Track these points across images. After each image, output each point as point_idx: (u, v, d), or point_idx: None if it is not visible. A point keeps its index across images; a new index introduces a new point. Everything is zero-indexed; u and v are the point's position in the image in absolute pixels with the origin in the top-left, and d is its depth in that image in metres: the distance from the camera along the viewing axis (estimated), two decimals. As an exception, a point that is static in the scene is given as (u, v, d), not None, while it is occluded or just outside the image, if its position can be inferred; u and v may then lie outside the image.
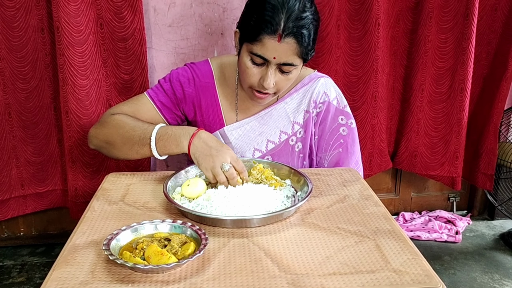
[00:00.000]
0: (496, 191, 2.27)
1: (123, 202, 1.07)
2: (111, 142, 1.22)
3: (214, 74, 1.34)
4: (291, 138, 1.36)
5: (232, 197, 1.02)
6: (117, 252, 0.84)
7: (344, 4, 1.82)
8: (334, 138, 1.36)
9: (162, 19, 1.73)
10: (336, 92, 1.36)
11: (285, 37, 1.09)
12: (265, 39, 1.10)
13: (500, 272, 1.97)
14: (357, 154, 1.39)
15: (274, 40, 1.10)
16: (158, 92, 1.33)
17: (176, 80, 1.32)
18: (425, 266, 0.83)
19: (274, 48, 1.11)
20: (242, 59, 1.18)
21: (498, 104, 2.04)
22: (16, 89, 1.69)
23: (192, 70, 1.34)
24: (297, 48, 1.12)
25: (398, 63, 2.02)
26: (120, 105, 1.32)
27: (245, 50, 1.16)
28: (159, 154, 1.16)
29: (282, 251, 0.87)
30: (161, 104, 1.32)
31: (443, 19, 1.90)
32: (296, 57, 1.14)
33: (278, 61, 1.13)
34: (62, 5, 1.50)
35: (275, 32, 1.09)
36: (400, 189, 2.35)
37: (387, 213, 1.02)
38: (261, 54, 1.12)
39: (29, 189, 1.83)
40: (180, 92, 1.32)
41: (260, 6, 1.11)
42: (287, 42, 1.10)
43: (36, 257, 2.01)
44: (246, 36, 1.14)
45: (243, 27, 1.16)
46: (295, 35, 1.10)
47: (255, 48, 1.12)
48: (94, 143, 1.28)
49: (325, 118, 1.35)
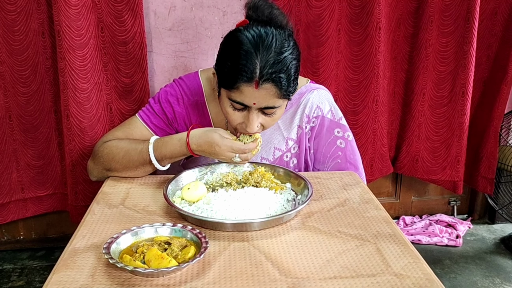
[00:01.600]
0: (496, 195, 2.26)
1: (123, 205, 1.07)
2: (112, 169, 1.21)
3: (204, 90, 1.30)
4: (286, 154, 1.33)
5: (232, 200, 1.02)
6: (117, 255, 0.83)
7: (344, 8, 1.82)
8: (332, 151, 1.32)
9: (162, 22, 1.74)
10: (330, 105, 1.32)
11: (262, 83, 1.03)
12: (242, 87, 1.04)
13: (501, 276, 1.97)
14: (359, 165, 1.35)
15: (252, 88, 1.04)
16: (150, 114, 1.30)
17: (165, 100, 1.29)
18: (426, 270, 0.82)
19: (253, 95, 1.05)
20: (222, 104, 1.13)
21: (498, 108, 2.04)
22: (16, 93, 1.69)
23: (180, 88, 1.30)
24: (277, 91, 1.05)
25: (399, 67, 2.02)
26: (113, 131, 1.30)
27: (224, 95, 1.11)
28: (162, 166, 1.19)
29: (283, 255, 0.87)
30: (154, 127, 1.29)
31: (444, 23, 1.90)
32: (277, 99, 1.07)
33: (258, 106, 1.08)
34: (63, 9, 1.51)
35: (251, 80, 1.03)
36: (400, 193, 2.35)
37: (387, 217, 1.02)
38: (240, 101, 1.07)
39: (29, 192, 1.82)
40: (171, 112, 1.30)
41: (234, 52, 1.05)
42: (265, 88, 1.04)
43: (36, 261, 2.00)
44: (223, 82, 1.09)
45: (220, 73, 1.10)
46: (273, 80, 1.03)
47: (233, 95, 1.07)
48: (94, 174, 1.26)
49: (319, 132, 1.31)
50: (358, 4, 1.81)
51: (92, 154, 1.27)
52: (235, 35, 1.07)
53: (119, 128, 1.31)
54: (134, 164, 1.18)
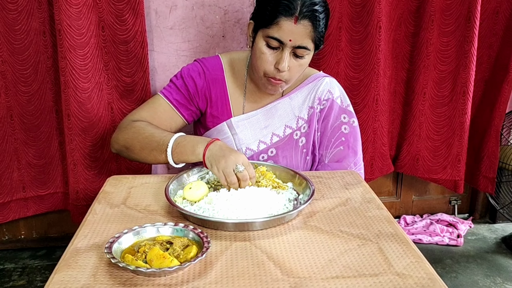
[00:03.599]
0: (497, 194, 2.26)
1: (124, 205, 1.07)
2: (130, 148, 1.26)
3: (224, 68, 1.38)
4: (295, 133, 1.38)
5: (234, 200, 1.02)
6: (119, 255, 0.83)
7: (345, 6, 1.82)
8: (336, 136, 1.38)
9: (163, 21, 1.74)
10: (340, 91, 1.40)
11: (301, 19, 1.15)
12: (282, 21, 1.15)
13: (502, 275, 1.97)
14: (359, 153, 1.40)
15: (291, 22, 1.15)
16: (172, 90, 1.36)
17: (187, 75, 1.36)
18: (428, 269, 0.82)
19: (291, 31, 1.15)
20: (257, 46, 1.22)
21: (499, 107, 2.03)
22: (18, 92, 1.69)
23: (202, 64, 1.38)
24: (312, 31, 1.17)
25: (400, 66, 2.02)
26: (139, 110, 1.36)
27: (261, 36, 1.20)
28: (174, 161, 1.18)
29: (285, 255, 0.87)
30: (177, 102, 1.35)
31: (445, 22, 1.90)
32: (310, 41, 1.19)
33: (293, 43, 1.17)
34: (64, 8, 1.50)
35: (292, 14, 1.14)
36: (401, 192, 2.35)
37: (389, 216, 1.02)
38: (277, 37, 1.17)
39: (30, 191, 1.82)
40: (193, 87, 1.36)
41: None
42: (303, 24, 1.15)
43: (37, 260, 2.00)
44: (263, 22, 1.19)
45: (259, 14, 1.20)
46: (310, 18, 1.15)
47: (272, 31, 1.17)
48: (115, 147, 1.32)
49: (328, 115, 1.38)
50: (359, 2, 1.81)
51: (118, 128, 1.32)
52: None
53: (143, 107, 1.37)
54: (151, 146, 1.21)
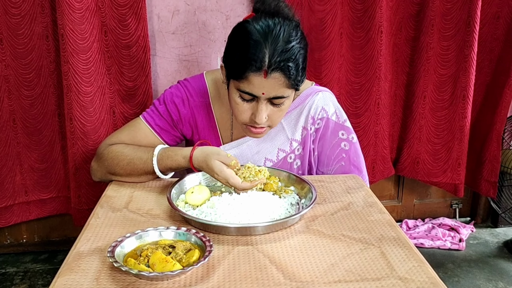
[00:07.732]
0: (499, 198, 2.26)
1: (127, 209, 1.07)
2: (115, 174, 1.22)
3: (209, 92, 1.31)
4: (289, 156, 1.32)
5: (236, 204, 1.02)
6: (121, 259, 0.84)
7: (346, 12, 1.83)
8: (336, 153, 1.32)
9: (166, 26, 1.74)
10: (335, 107, 1.32)
11: (271, 72, 1.05)
12: (250, 76, 1.06)
13: (504, 280, 1.96)
14: (363, 168, 1.35)
15: (260, 77, 1.05)
16: (154, 116, 1.29)
17: (171, 101, 1.29)
18: (430, 273, 0.82)
19: (261, 85, 1.07)
20: (231, 96, 1.15)
21: (501, 112, 2.04)
22: (20, 96, 1.69)
23: (185, 89, 1.30)
24: (285, 81, 1.07)
25: (401, 71, 2.02)
26: (117, 133, 1.30)
27: (233, 87, 1.12)
28: (165, 175, 1.19)
29: (287, 259, 0.87)
30: (158, 128, 1.29)
31: (445, 27, 1.91)
32: (286, 89, 1.09)
33: (267, 96, 1.09)
34: (67, 12, 1.51)
35: (259, 69, 1.04)
36: (402, 196, 2.35)
37: (391, 220, 1.02)
38: (249, 91, 1.09)
39: (32, 195, 1.83)
40: (176, 114, 1.30)
41: (243, 42, 1.07)
42: (274, 77, 1.06)
43: (39, 264, 2.00)
44: (232, 73, 1.10)
45: (228, 64, 1.12)
46: (281, 69, 1.05)
47: (242, 85, 1.09)
48: (97, 176, 1.27)
49: (324, 134, 1.31)
50: (360, 8, 1.82)
51: (96, 156, 1.27)
52: (244, 26, 1.09)
53: (123, 130, 1.31)
54: (138, 172, 1.19)
